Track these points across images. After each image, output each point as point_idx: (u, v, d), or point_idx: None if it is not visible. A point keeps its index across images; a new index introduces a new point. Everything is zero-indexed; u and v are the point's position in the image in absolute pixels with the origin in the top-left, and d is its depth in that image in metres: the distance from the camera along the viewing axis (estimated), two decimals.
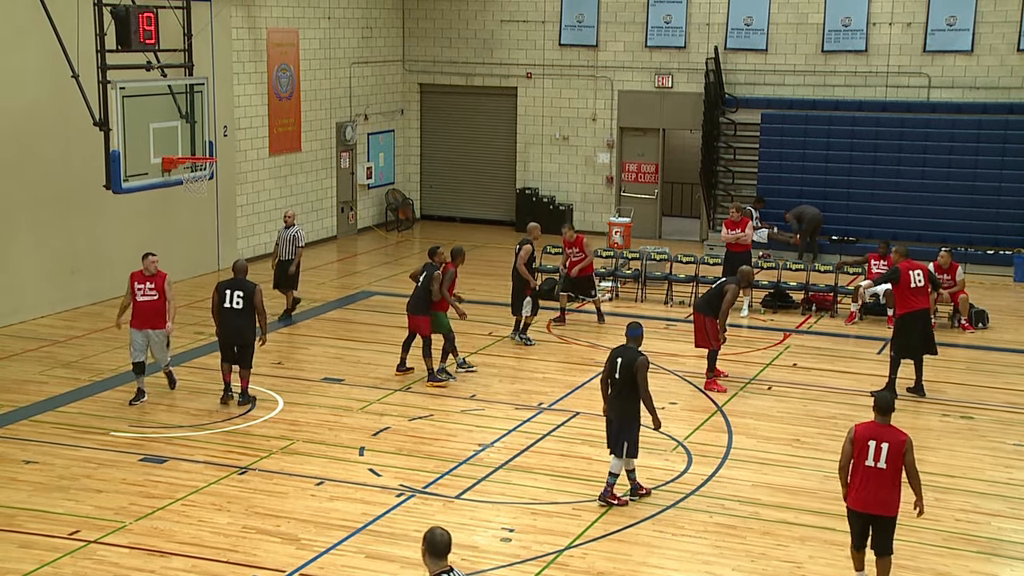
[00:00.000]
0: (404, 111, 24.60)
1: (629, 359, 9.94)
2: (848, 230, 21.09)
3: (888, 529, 8.22)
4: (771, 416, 12.59)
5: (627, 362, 9.93)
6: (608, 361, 10.12)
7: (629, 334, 10.18)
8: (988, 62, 21.02)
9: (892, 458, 8.04)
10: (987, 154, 20.76)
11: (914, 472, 8.17)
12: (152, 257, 12.52)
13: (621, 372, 9.94)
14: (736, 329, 16.08)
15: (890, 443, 8.06)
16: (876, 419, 8.24)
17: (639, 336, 10.17)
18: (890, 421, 8.24)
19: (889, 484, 8.08)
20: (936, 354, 13.34)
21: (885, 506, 8.14)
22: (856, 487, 8.19)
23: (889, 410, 8.23)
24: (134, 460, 11.02)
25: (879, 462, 8.06)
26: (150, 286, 12.45)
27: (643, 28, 22.79)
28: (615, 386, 10.04)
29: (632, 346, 10.08)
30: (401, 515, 9.85)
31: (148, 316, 12.48)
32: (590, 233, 22.91)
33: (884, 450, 8.03)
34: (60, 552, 9.06)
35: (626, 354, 9.99)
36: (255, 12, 19.96)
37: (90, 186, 14.19)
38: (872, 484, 8.09)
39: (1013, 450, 11.70)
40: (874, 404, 8.33)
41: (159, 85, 13.42)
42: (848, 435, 8.27)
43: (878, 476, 8.08)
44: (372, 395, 13.01)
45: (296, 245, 15.91)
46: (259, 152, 20.36)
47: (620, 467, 10.07)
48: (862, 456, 8.12)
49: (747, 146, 22.47)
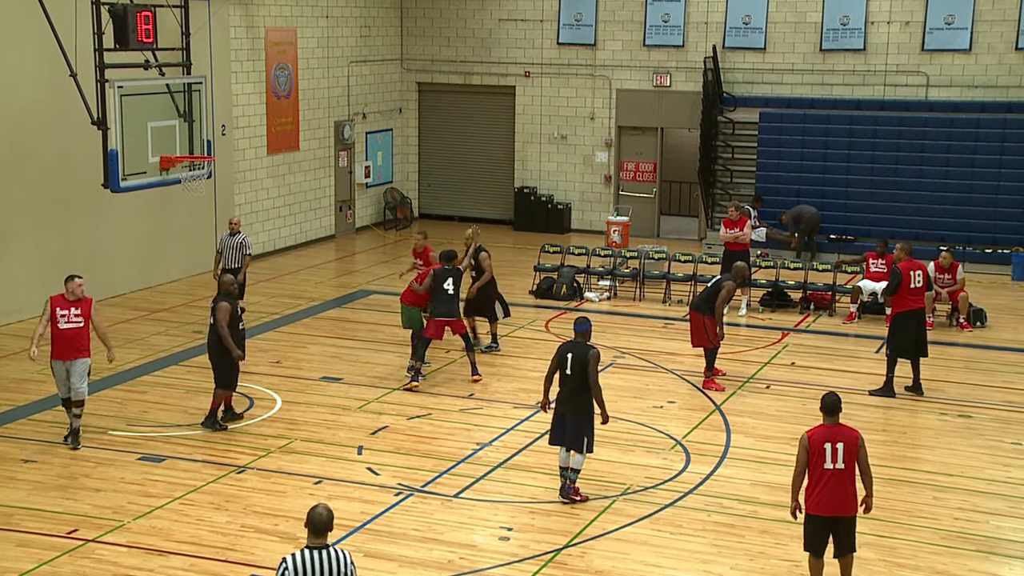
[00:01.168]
0: (402, 110, 24.59)
1: (580, 354, 9.82)
2: (846, 229, 21.09)
3: (851, 528, 8.22)
4: (769, 415, 12.60)
5: (579, 357, 9.81)
6: (557, 356, 9.99)
7: (577, 329, 10.04)
8: (986, 61, 21.02)
9: (848, 457, 8.04)
10: (985, 153, 20.76)
11: (867, 469, 8.16)
12: (78, 280, 11.15)
13: (573, 368, 9.82)
14: (734, 328, 16.09)
15: (845, 442, 8.06)
16: (825, 421, 8.19)
17: (587, 331, 10.01)
18: (839, 420, 8.20)
19: (848, 483, 8.08)
20: (927, 356, 13.35)
21: (847, 506, 8.12)
22: (817, 492, 8.09)
23: (837, 410, 8.19)
24: (132, 459, 11.01)
25: (837, 463, 8.03)
26: (75, 312, 11.07)
27: (641, 27, 22.79)
28: (568, 382, 9.90)
29: (581, 341, 9.95)
30: (400, 514, 9.85)
31: (72, 345, 11.07)
32: (589, 232, 22.99)
33: (840, 450, 8.02)
34: (58, 551, 9.06)
35: (577, 349, 9.87)
36: (253, 11, 19.95)
37: (88, 185, 14.18)
38: (833, 486, 8.04)
39: (1011, 449, 11.71)
40: (821, 405, 8.27)
41: (157, 84, 13.42)
42: (801, 443, 8.14)
43: (838, 477, 8.05)
44: (370, 394, 13.01)
45: (244, 253, 15.03)
46: (257, 151, 20.36)
47: (582, 463, 10.03)
48: (820, 460, 8.05)
49: (745, 145, 22.46)
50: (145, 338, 15.20)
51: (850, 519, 8.17)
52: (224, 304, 11.49)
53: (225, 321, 11.43)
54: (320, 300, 17.59)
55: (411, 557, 9.05)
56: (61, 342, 11.12)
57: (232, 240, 15.13)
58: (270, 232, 20.92)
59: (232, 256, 15.09)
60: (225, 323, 11.43)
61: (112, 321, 15.99)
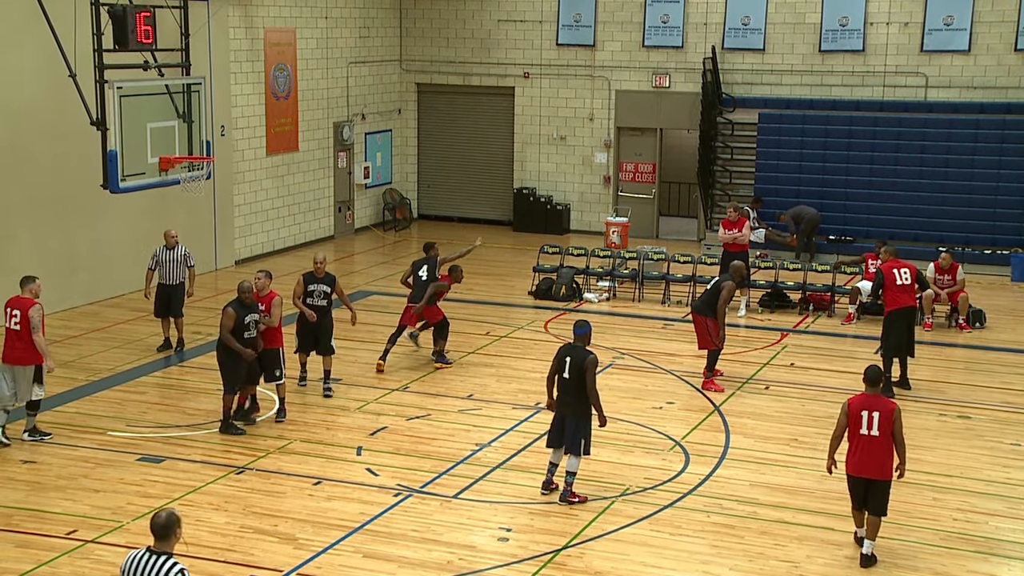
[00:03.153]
0: (401, 111, 24.59)
1: (579, 358, 9.88)
2: (845, 230, 21.10)
3: (883, 492, 8.96)
4: (769, 416, 12.60)
5: (577, 361, 9.88)
6: (556, 359, 10.07)
7: (577, 332, 10.11)
8: (985, 62, 21.03)
9: (883, 426, 8.81)
10: (984, 154, 20.77)
11: (900, 439, 8.94)
12: (39, 281, 11.25)
13: (571, 371, 9.90)
14: (734, 329, 16.08)
15: (880, 412, 8.85)
16: (867, 390, 9.05)
17: (586, 334, 10.08)
18: (879, 391, 9.05)
19: (882, 450, 8.86)
20: (913, 356, 13.39)
21: (880, 470, 8.90)
22: (853, 454, 8.97)
23: (878, 381, 9.07)
24: (131, 460, 11.01)
25: (872, 430, 8.83)
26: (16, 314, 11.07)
27: (640, 28, 22.80)
28: (566, 385, 9.96)
29: (579, 344, 10.02)
30: (399, 515, 9.85)
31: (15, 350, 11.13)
32: (588, 233, 23.00)
33: (876, 419, 8.82)
34: (57, 552, 9.05)
35: (575, 353, 9.94)
36: (252, 12, 19.95)
37: (87, 186, 14.16)
38: (867, 451, 8.88)
39: (1010, 449, 11.71)
40: (864, 376, 9.11)
41: (156, 85, 13.41)
42: (843, 408, 9.03)
43: (871, 443, 8.87)
44: (369, 395, 13.01)
45: (189, 265, 14.37)
46: (256, 152, 20.35)
47: (577, 465, 10.05)
48: (857, 426, 8.90)
49: (744, 146, 22.47)
50: (145, 339, 15.18)
51: (883, 484, 8.93)
52: (229, 310, 11.55)
53: (228, 327, 11.45)
54: None
55: (410, 558, 9.05)
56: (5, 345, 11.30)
57: (173, 254, 14.30)
58: (269, 233, 20.91)
59: (174, 271, 14.29)
60: (228, 329, 11.45)
61: (112, 322, 16.02)
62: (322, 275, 12.92)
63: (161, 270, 14.37)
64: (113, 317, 16.29)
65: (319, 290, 12.86)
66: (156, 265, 14.39)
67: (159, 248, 14.51)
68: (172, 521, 6.26)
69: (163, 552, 6.21)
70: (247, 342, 11.59)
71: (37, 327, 11.15)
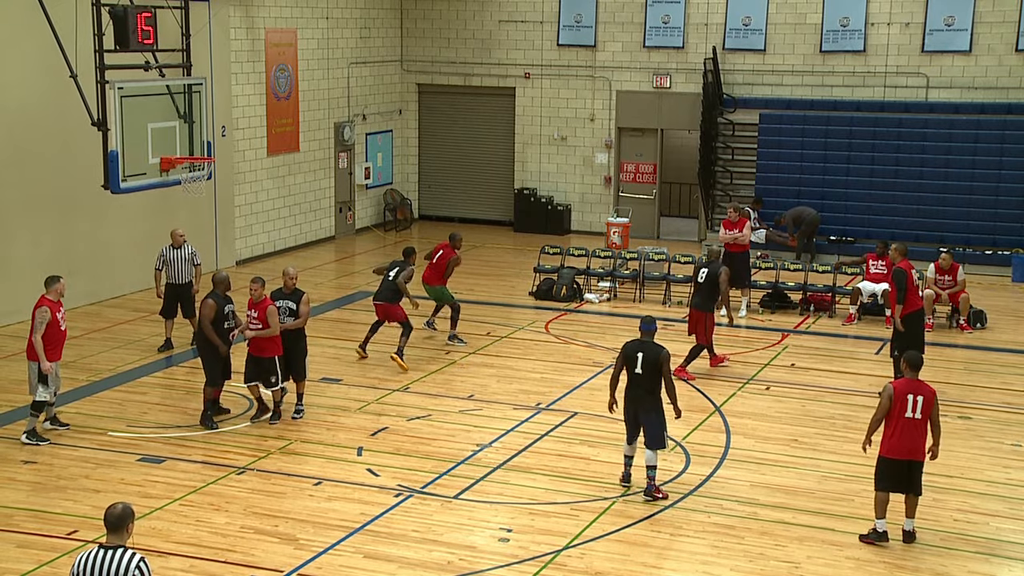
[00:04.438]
0: (402, 111, 24.59)
1: (653, 353, 10.16)
2: (846, 230, 21.09)
3: (920, 471, 9.30)
4: (769, 416, 12.60)
5: (651, 356, 10.15)
6: (623, 356, 10.28)
7: (644, 328, 10.36)
8: (986, 62, 21.03)
9: (926, 409, 9.14)
10: (985, 154, 20.77)
11: (938, 422, 9.29)
12: (63, 281, 11.59)
13: (645, 367, 10.12)
14: (735, 329, 16.10)
15: (924, 396, 9.18)
16: (908, 375, 9.34)
17: (654, 330, 10.37)
18: (919, 376, 9.34)
19: (922, 432, 9.19)
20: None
21: (920, 452, 9.25)
22: (893, 437, 9.19)
23: (920, 366, 9.39)
24: (132, 460, 11.01)
25: (916, 413, 9.13)
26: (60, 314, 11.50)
27: (641, 28, 22.80)
28: (639, 380, 10.17)
29: (649, 340, 10.27)
30: (399, 515, 9.85)
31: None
32: (589, 234, 22.99)
33: (920, 402, 9.12)
34: (58, 552, 9.06)
35: (648, 349, 10.20)
36: (253, 12, 19.96)
37: (88, 186, 14.18)
38: (909, 433, 9.17)
39: (1011, 450, 11.70)
40: (907, 362, 9.38)
41: (157, 85, 13.42)
42: (886, 392, 9.22)
43: (914, 426, 9.16)
44: (370, 395, 13.01)
45: (195, 264, 14.41)
46: (257, 152, 20.36)
47: (657, 459, 10.22)
48: (902, 410, 9.14)
49: (745, 146, 22.47)
50: (145, 339, 15.20)
51: (920, 464, 9.28)
52: (209, 301, 11.76)
53: (209, 318, 11.65)
54: (320, 301, 17.58)
55: (410, 558, 9.05)
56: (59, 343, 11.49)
57: (179, 253, 14.33)
58: (270, 233, 20.92)
59: (181, 270, 14.31)
60: (209, 319, 11.65)
61: (112, 322, 16.03)
62: (290, 290, 12.05)
63: (168, 270, 14.38)
64: (114, 317, 16.30)
65: (284, 306, 11.96)
66: (163, 265, 14.41)
67: (165, 248, 14.52)
68: (127, 514, 6.16)
69: (118, 546, 6.11)
70: (226, 333, 11.75)
71: (37, 328, 11.25)
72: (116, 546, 6.10)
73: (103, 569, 6.01)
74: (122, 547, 6.10)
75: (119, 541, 6.13)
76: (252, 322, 11.73)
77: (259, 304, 11.75)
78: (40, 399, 11.38)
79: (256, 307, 11.75)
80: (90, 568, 6.05)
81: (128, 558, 6.04)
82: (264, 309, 11.72)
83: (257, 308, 11.74)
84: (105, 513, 6.19)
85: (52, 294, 11.46)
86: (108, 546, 6.11)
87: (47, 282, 11.54)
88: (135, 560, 6.05)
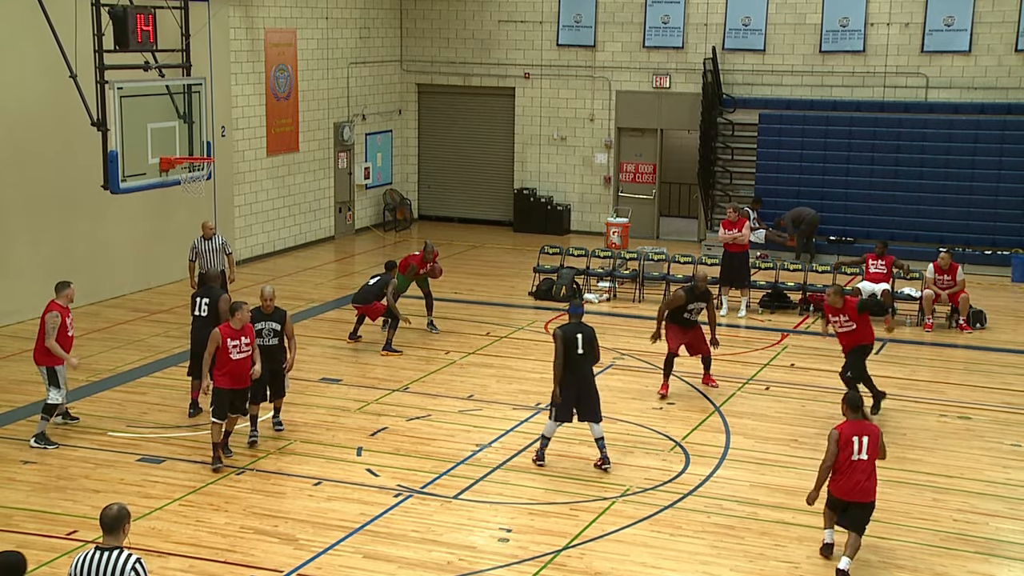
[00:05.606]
0: (402, 111, 24.59)
1: (588, 332, 10.84)
2: (846, 230, 21.09)
3: (867, 513, 9.05)
4: (769, 416, 12.60)
5: (588, 335, 10.81)
6: (564, 341, 10.69)
7: (573, 311, 11.07)
8: (986, 62, 21.03)
9: (871, 448, 9.00)
10: (985, 154, 20.77)
11: (884, 452, 9.22)
12: (73, 287, 11.58)
13: (585, 346, 10.76)
14: (734, 330, 16.10)
15: (869, 436, 9.02)
16: (850, 417, 9.12)
17: (582, 313, 11.12)
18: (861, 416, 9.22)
19: (870, 472, 9.02)
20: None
21: (868, 493, 9.01)
22: (841, 479, 9.01)
23: (860, 406, 9.24)
24: (132, 460, 11.01)
25: (862, 454, 8.98)
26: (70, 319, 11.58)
27: (641, 28, 22.80)
28: (581, 360, 10.74)
29: (580, 322, 10.94)
30: (399, 515, 9.85)
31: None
32: (588, 234, 22.99)
33: (866, 442, 8.98)
34: (58, 552, 9.06)
35: (583, 329, 10.84)
36: (253, 12, 19.96)
37: (88, 186, 14.17)
38: (856, 474, 8.97)
39: (1010, 450, 11.70)
40: (847, 405, 9.18)
41: (157, 85, 13.42)
42: (832, 438, 8.99)
43: (862, 466, 8.99)
44: (370, 395, 13.01)
45: (226, 253, 14.57)
46: (257, 152, 20.36)
47: (601, 431, 10.92)
48: (849, 454, 8.96)
49: (745, 146, 22.47)
50: (145, 339, 15.20)
51: (869, 505, 9.04)
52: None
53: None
54: (320, 301, 17.59)
55: (410, 558, 9.05)
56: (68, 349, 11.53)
57: (211, 244, 14.49)
58: (269, 233, 20.92)
59: (213, 260, 14.43)
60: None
61: (112, 322, 16.03)
62: (271, 311, 11.45)
63: (201, 260, 14.61)
64: (114, 317, 16.29)
65: (267, 328, 11.40)
66: (196, 256, 14.65)
67: (197, 239, 14.75)
68: (123, 515, 6.15)
69: (114, 547, 6.10)
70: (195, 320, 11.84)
71: (49, 333, 11.27)
72: (113, 547, 6.09)
73: (100, 571, 6.01)
74: (119, 548, 6.09)
75: (116, 542, 6.12)
76: (244, 349, 10.79)
77: (247, 327, 10.93)
78: (52, 402, 11.37)
79: (246, 332, 10.86)
80: (87, 570, 6.04)
81: (125, 559, 6.03)
82: (252, 331, 11.12)
83: (247, 334, 10.87)
84: (101, 514, 6.18)
85: (62, 299, 11.48)
86: (105, 547, 6.10)
87: (57, 288, 11.53)
88: (131, 561, 6.04)
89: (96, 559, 6.05)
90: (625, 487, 10.50)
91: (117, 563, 6.01)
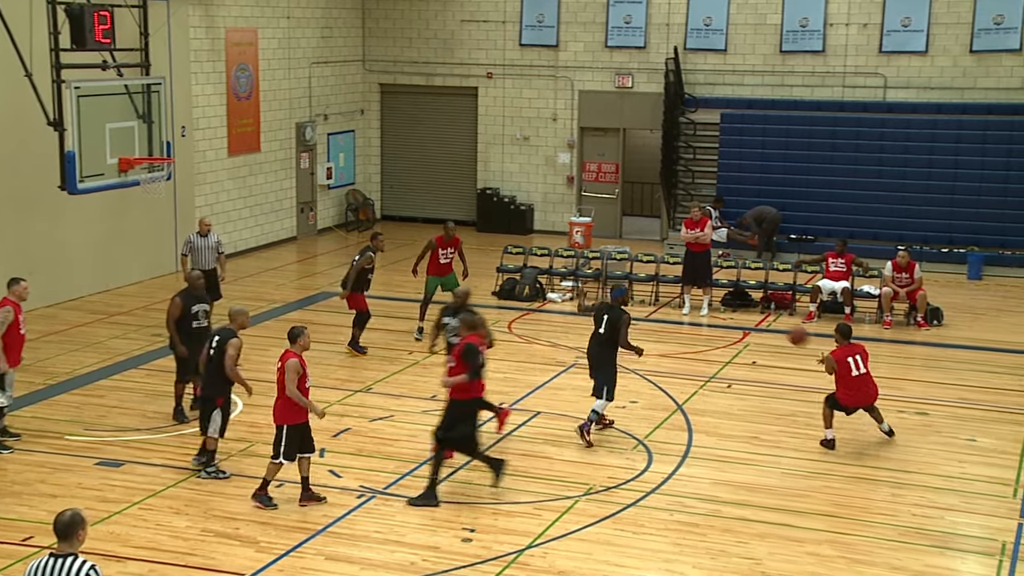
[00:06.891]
0: (364, 111, 24.50)
1: (615, 316, 11.50)
2: (806, 229, 21.28)
3: (876, 407, 11.62)
4: (731, 414, 12.68)
5: (613, 319, 11.49)
6: (594, 318, 11.73)
7: (614, 295, 11.95)
8: (942, 63, 21.31)
9: (865, 362, 11.39)
10: (941, 153, 21.05)
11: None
12: (24, 283, 11.31)
13: (606, 327, 11.49)
14: (696, 328, 16.19)
15: (860, 353, 11.43)
16: (841, 343, 11.48)
17: (622, 296, 11.92)
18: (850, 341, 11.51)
19: (870, 381, 11.46)
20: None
21: (872, 396, 11.52)
22: (849, 393, 11.37)
23: (850, 334, 11.60)
24: (89, 464, 10.88)
25: (860, 369, 11.34)
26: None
27: (603, 28, 22.87)
28: (598, 338, 11.60)
29: (615, 305, 11.68)
30: (362, 516, 9.81)
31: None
32: (551, 233, 23.02)
33: (859, 360, 11.35)
34: (13, 559, 8.93)
35: (614, 312, 11.56)
36: (213, 11, 19.79)
37: (45, 187, 14.00)
38: (860, 387, 11.38)
39: (967, 445, 11.87)
40: (839, 333, 11.55)
41: (115, 85, 13.25)
42: (829, 363, 11.37)
43: (862, 379, 11.38)
44: (332, 396, 12.94)
45: (219, 252, 14.87)
46: (218, 152, 20.19)
47: (602, 407, 11.57)
48: (847, 370, 11.27)
49: (707, 146, 22.61)
50: (104, 341, 15.03)
51: (874, 404, 11.57)
52: (176, 300, 11.79)
53: (174, 316, 11.68)
54: (282, 302, 17.48)
55: (373, 559, 9.02)
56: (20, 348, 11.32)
57: (206, 241, 14.86)
58: (231, 234, 20.73)
59: (207, 257, 14.78)
60: (174, 318, 11.68)
61: (70, 324, 15.82)
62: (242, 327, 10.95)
63: (194, 256, 14.76)
64: (71, 320, 16.09)
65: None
66: (190, 251, 14.82)
67: (192, 235, 15.00)
68: (76, 521, 6.03)
69: (68, 553, 6.00)
70: (196, 332, 11.59)
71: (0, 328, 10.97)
72: (67, 554, 5.99)
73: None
74: (73, 555, 6.00)
75: (70, 549, 6.01)
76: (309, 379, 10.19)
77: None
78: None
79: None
80: None
81: (79, 566, 5.94)
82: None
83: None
84: (54, 521, 6.06)
85: (14, 295, 11.27)
86: (59, 554, 5.99)
87: (9, 283, 11.35)
88: (85, 568, 5.95)
89: (50, 566, 5.95)
90: (588, 486, 10.52)
91: (71, 570, 5.92)
